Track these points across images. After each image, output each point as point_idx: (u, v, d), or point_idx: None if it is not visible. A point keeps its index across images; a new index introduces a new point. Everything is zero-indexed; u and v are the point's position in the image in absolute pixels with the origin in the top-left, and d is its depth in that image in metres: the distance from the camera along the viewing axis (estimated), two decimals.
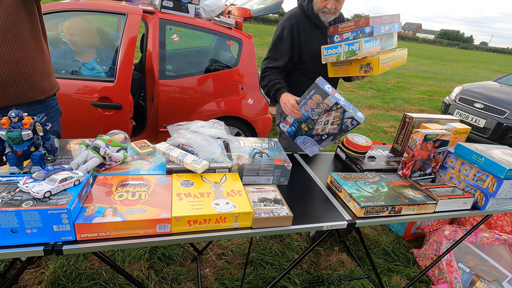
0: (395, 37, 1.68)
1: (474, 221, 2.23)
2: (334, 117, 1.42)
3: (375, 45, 1.52)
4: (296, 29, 1.68)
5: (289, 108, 1.51)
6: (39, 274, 1.69)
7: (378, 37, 1.53)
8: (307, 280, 1.89)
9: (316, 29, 1.71)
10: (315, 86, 1.37)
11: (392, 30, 1.59)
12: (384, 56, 1.52)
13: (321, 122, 1.48)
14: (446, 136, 1.43)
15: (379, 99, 7.28)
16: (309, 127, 1.54)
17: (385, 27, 1.54)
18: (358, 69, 1.55)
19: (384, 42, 1.59)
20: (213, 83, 2.70)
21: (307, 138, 1.58)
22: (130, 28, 2.26)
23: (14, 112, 1.02)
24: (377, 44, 1.53)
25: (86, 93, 2.23)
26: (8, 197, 0.85)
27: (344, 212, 1.21)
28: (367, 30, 1.48)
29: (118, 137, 1.25)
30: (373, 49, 1.51)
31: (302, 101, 1.46)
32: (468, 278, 1.83)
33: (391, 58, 1.57)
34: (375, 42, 1.51)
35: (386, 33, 1.56)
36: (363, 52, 1.45)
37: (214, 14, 2.77)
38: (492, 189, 1.30)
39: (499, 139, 4.22)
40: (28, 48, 1.36)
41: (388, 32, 1.57)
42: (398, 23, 1.63)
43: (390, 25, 1.57)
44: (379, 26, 1.50)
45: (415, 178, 1.46)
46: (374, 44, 1.51)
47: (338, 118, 1.41)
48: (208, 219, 0.99)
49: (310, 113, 1.46)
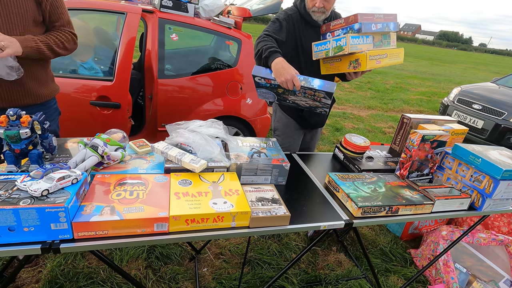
0: (393, 37, 1.68)
1: (471, 222, 2.24)
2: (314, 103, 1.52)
3: (366, 42, 1.52)
4: (292, 20, 1.70)
5: (290, 85, 1.37)
6: (37, 272, 1.69)
7: (370, 35, 1.53)
8: (305, 280, 1.89)
9: (309, 27, 1.73)
10: (328, 92, 1.38)
11: (387, 29, 1.59)
12: (374, 53, 1.52)
13: (299, 98, 1.53)
14: (444, 137, 1.44)
15: (377, 99, 7.29)
16: (284, 93, 1.52)
17: (377, 25, 1.54)
18: (348, 65, 1.57)
19: (379, 41, 1.59)
20: (212, 82, 2.71)
21: (270, 92, 1.56)
22: (129, 27, 2.26)
23: (12, 110, 1.02)
24: (368, 41, 1.53)
25: (84, 92, 2.23)
26: (5, 195, 0.85)
27: (342, 212, 1.21)
28: (355, 27, 1.49)
29: (117, 136, 1.25)
30: (362, 45, 1.51)
31: (305, 86, 1.37)
32: (465, 278, 1.84)
33: (382, 56, 1.58)
34: (365, 39, 1.51)
35: (378, 31, 1.55)
36: (350, 47, 1.46)
37: (213, 14, 2.78)
38: (488, 189, 1.31)
39: (497, 140, 4.24)
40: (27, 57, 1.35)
41: (381, 31, 1.57)
42: (394, 23, 1.63)
43: (383, 23, 1.57)
44: (369, 23, 1.50)
45: (412, 178, 1.47)
46: (365, 41, 1.51)
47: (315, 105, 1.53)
48: (205, 218, 0.99)
49: (300, 92, 1.44)
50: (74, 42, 1.52)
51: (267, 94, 1.62)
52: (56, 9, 1.42)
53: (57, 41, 1.42)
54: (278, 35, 1.64)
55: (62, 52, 1.47)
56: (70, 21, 1.51)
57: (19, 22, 1.31)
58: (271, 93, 1.58)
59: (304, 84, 1.37)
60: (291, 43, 1.73)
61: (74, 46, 1.52)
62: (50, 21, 1.43)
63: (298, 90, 1.40)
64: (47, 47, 1.38)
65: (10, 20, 1.29)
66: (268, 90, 1.56)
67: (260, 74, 1.44)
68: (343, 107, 6.32)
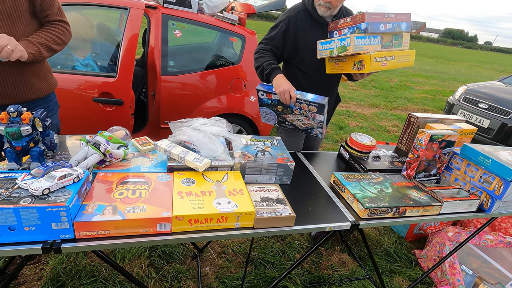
0: (405, 37, 1.60)
1: (477, 223, 2.21)
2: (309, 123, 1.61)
3: (373, 43, 1.47)
4: (294, 21, 1.66)
5: (287, 96, 1.51)
6: (39, 270, 1.68)
7: (378, 35, 1.48)
8: (308, 280, 1.87)
9: (316, 24, 1.68)
10: (320, 104, 1.46)
11: (398, 29, 1.53)
12: (379, 54, 1.46)
13: (296, 117, 1.59)
14: (452, 137, 1.41)
15: (382, 98, 7.23)
16: (283, 112, 1.63)
17: (387, 25, 1.47)
18: (352, 66, 1.52)
19: (388, 41, 1.54)
20: (215, 79, 2.68)
21: (271, 112, 1.68)
22: (132, 23, 2.24)
23: (13, 107, 1.00)
24: (376, 42, 1.48)
25: (87, 88, 2.21)
26: (6, 194, 0.83)
27: (348, 213, 1.19)
28: (362, 27, 1.43)
29: (119, 133, 1.23)
30: (369, 46, 1.45)
31: (300, 98, 1.50)
32: (471, 280, 1.81)
33: (390, 58, 1.51)
34: (372, 40, 1.46)
35: (388, 31, 1.50)
36: (354, 48, 1.41)
37: (217, 10, 2.74)
38: (498, 191, 1.28)
39: (503, 140, 4.18)
40: None
41: (391, 31, 1.51)
42: (407, 23, 1.55)
43: (393, 23, 1.50)
44: (377, 23, 1.43)
45: (419, 179, 1.44)
46: (371, 42, 1.46)
47: (311, 124, 1.62)
48: (209, 218, 0.97)
49: (296, 108, 1.54)
50: (69, 32, 1.49)
51: (269, 115, 1.72)
52: None
53: (55, 39, 1.40)
54: (275, 46, 1.70)
55: (60, 48, 1.45)
56: (60, 7, 1.47)
57: (18, 17, 1.30)
58: (272, 113, 1.69)
59: (299, 96, 1.49)
60: (291, 42, 1.69)
61: (69, 36, 1.50)
62: (41, 9, 1.38)
63: (294, 104, 1.52)
64: (47, 49, 1.38)
65: (9, 15, 1.28)
66: (270, 109, 1.67)
67: (263, 88, 1.59)
68: (347, 105, 6.27)
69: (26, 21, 1.33)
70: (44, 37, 1.37)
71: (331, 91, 1.85)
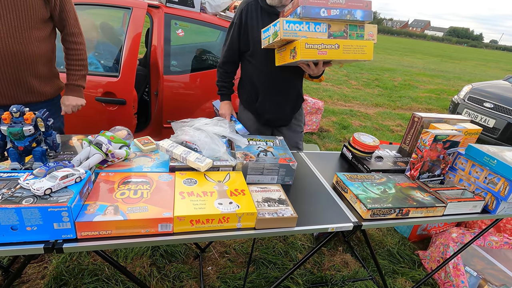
0: (369, 29, 1.41)
1: (482, 224, 2.18)
2: None
3: (314, 30, 1.31)
4: (245, 13, 1.63)
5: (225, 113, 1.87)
6: (42, 269, 1.69)
7: (322, 22, 1.32)
8: (310, 280, 1.87)
9: (266, 15, 1.61)
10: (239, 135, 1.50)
11: (349, 17, 1.33)
12: (315, 41, 1.30)
13: None
14: (457, 137, 1.39)
15: (385, 97, 7.19)
16: None
17: (331, 10, 1.31)
18: (289, 55, 1.37)
19: (340, 31, 1.36)
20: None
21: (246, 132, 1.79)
22: (134, 22, 2.24)
23: (15, 107, 1.01)
24: (320, 30, 1.32)
25: (90, 88, 2.21)
26: (8, 194, 0.84)
27: (350, 214, 1.18)
28: (298, 11, 1.29)
29: (121, 133, 1.23)
30: (306, 33, 1.31)
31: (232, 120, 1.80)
32: (475, 282, 1.79)
33: (331, 46, 1.32)
34: (313, 27, 1.31)
35: (334, 18, 1.32)
36: (283, 33, 1.28)
37: (220, 9, 2.74)
38: (504, 192, 1.26)
39: (509, 140, 4.14)
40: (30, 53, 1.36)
41: (338, 18, 1.33)
42: (363, 11, 1.35)
43: (341, 10, 1.32)
44: (316, 7, 1.28)
45: (423, 179, 1.43)
46: (311, 29, 1.31)
47: None
48: (211, 219, 0.97)
49: None
50: (84, 45, 1.63)
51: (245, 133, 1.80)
52: (64, 7, 1.46)
53: (81, 62, 1.62)
54: (229, 51, 1.76)
55: (86, 64, 1.67)
56: (77, 18, 1.55)
57: (26, 19, 1.32)
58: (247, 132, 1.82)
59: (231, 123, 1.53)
60: (244, 36, 1.67)
61: (86, 49, 1.66)
62: (60, 19, 1.48)
63: None
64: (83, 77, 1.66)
65: (18, 16, 1.29)
66: None
67: (216, 106, 1.93)
68: (350, 104, 6.24)
69: (36, 26, 1.37)
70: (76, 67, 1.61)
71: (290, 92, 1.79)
